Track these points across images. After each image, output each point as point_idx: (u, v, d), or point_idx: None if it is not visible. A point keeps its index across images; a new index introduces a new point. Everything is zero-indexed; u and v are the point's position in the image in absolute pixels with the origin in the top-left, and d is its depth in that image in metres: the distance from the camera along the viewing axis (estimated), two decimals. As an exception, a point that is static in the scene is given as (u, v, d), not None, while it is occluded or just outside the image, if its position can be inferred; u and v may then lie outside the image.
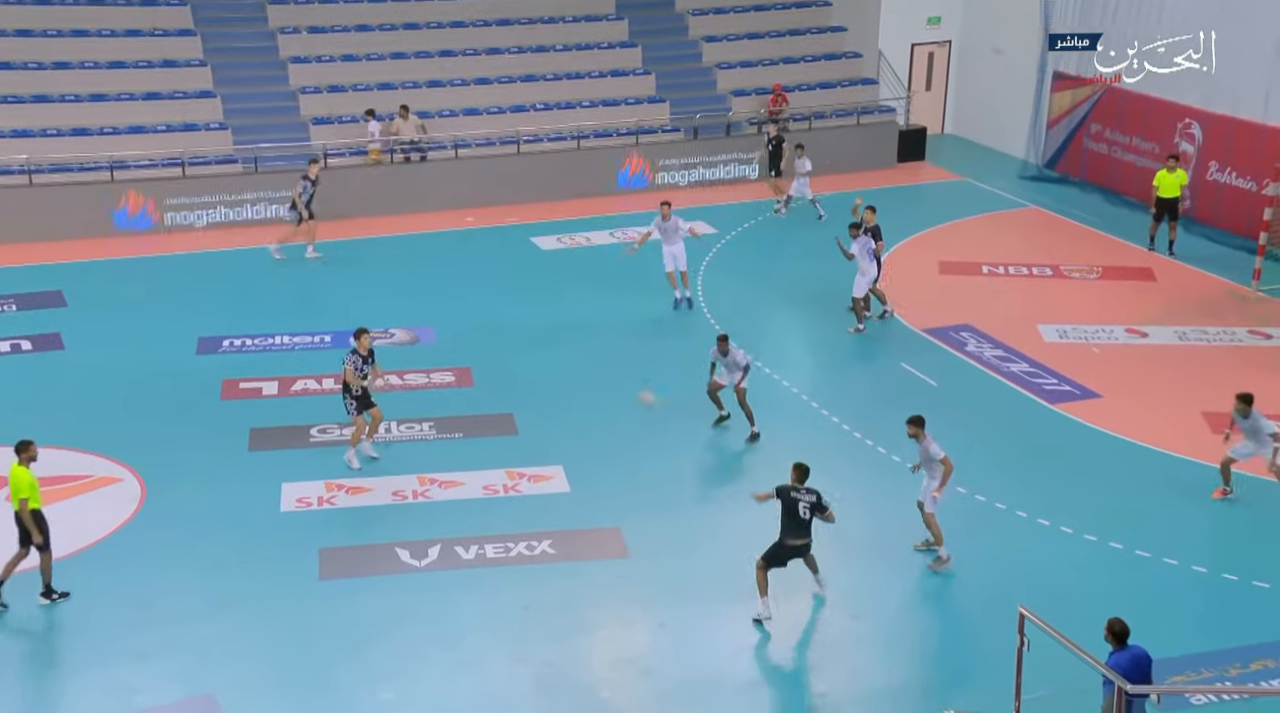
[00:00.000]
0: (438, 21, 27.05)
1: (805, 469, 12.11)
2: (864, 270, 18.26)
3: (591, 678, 11.33)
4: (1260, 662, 11.01)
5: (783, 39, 28.35)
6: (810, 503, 11.94)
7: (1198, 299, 19.39)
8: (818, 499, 11.97)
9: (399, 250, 22.52)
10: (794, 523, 11.94)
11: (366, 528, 13.60)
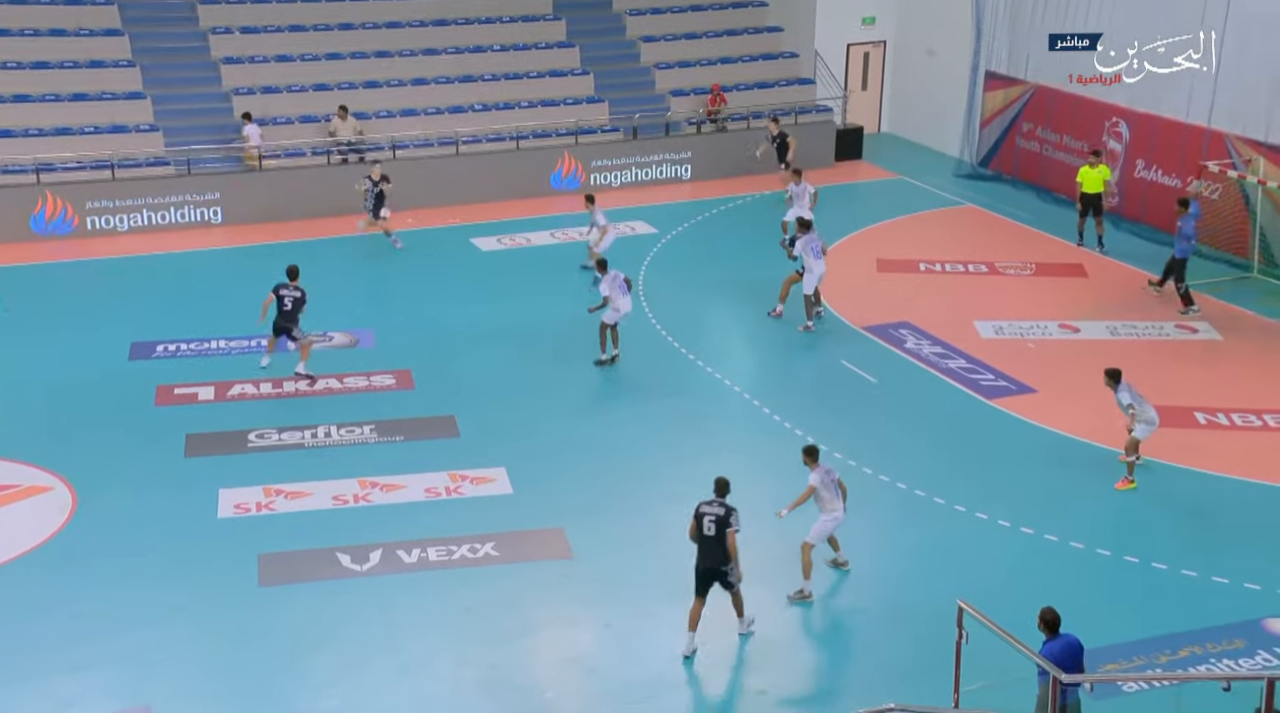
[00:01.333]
0: (373, 22, 26.81)
1: (724, 483, 11.38)
2: (811, 267, 18.41)
3: (536, 679, 11.30)
4: (1188, 648, 11.26)
5: (720, 39, 28.48)
6: (715, 517, 11.07)
7: (1127, 295, 19.78)
8: (725, 514, 11.08)
9: (338, 252, 22.27)
10: (701, 539, 11.19)
11: (306, 533, 13.43)
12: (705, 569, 11.23)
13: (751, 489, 14.50)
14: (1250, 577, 12.32)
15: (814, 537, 12.41)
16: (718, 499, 11.33)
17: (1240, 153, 20.46)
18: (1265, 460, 14.69)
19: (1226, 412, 15.84)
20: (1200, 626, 11.56)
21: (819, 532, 12.43)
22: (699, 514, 11.24)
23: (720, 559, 11.15)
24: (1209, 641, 11.36)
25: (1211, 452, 14.92)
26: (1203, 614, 11.76)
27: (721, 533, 11.09)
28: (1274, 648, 11.29)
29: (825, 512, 12.38)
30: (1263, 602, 11.95)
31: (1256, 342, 18.05)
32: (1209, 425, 15.57)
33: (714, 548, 11.14)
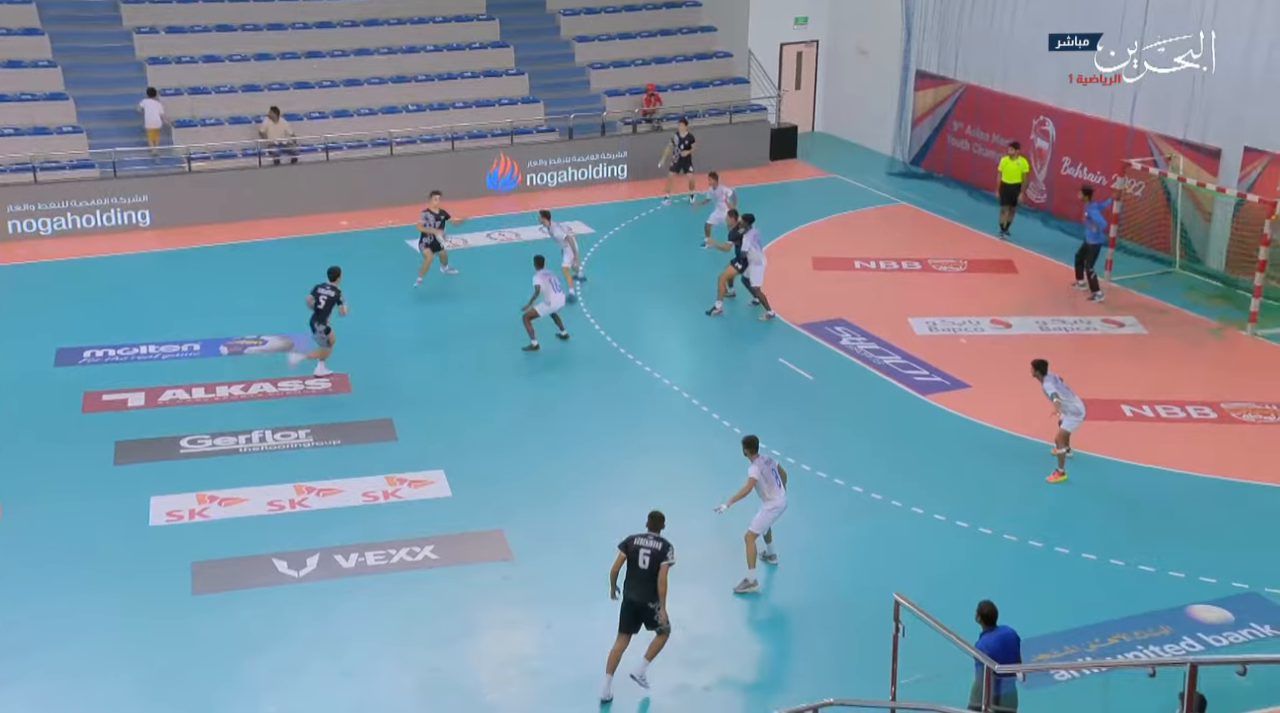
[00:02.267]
0: (303, 22, 26.50)
1: (659, 518, 11.02)
2: (757, 259, 18.68)
3: (477, 682, 11.25)
4: (1116, 636, 11.52)
5: (654, 39, 28.55)
6: (652, 551, 10.72)
7: (1056, 291, 20.15)
8: (662, 548, 10.72)
9: (271, 255, 21.99)
10: (631, 574, 10.79)
11: (242, 540, 13.25)
12: (635, 603, 10.81)
13: (691, 487, 14.61)
14: (1175, 565, 12.63)
15: (756, 526, 12.52)
16: (653, 533, 10.93)
17: (1161, 151, 20.94)
18: (1189, 451, 15.05)
19: (1152, 404, 16.21)
20: (1128, 614, 11.83)
21: (761, 522, 12.54)
22: (633, 547, 10.83)
23: (650, 595, 10.75)
24: (1136, 628, 11.63)
25: (1138, 443, 15.26)
26: (1130, 603, 12.03)
27: (655, 567, 10.72)
28: (1198, 634, 11.59)
29: (766, 501, 12.46)
30: (1187, 589, 12.26)
31: (1180, 335, 18.49)
32: (1135, 418, 15.93)
33: (646, 582, 10.73)
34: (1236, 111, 19.75)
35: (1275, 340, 18.09)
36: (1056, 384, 14.24)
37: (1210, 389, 16.56)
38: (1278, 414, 15.88)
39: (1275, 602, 12.02)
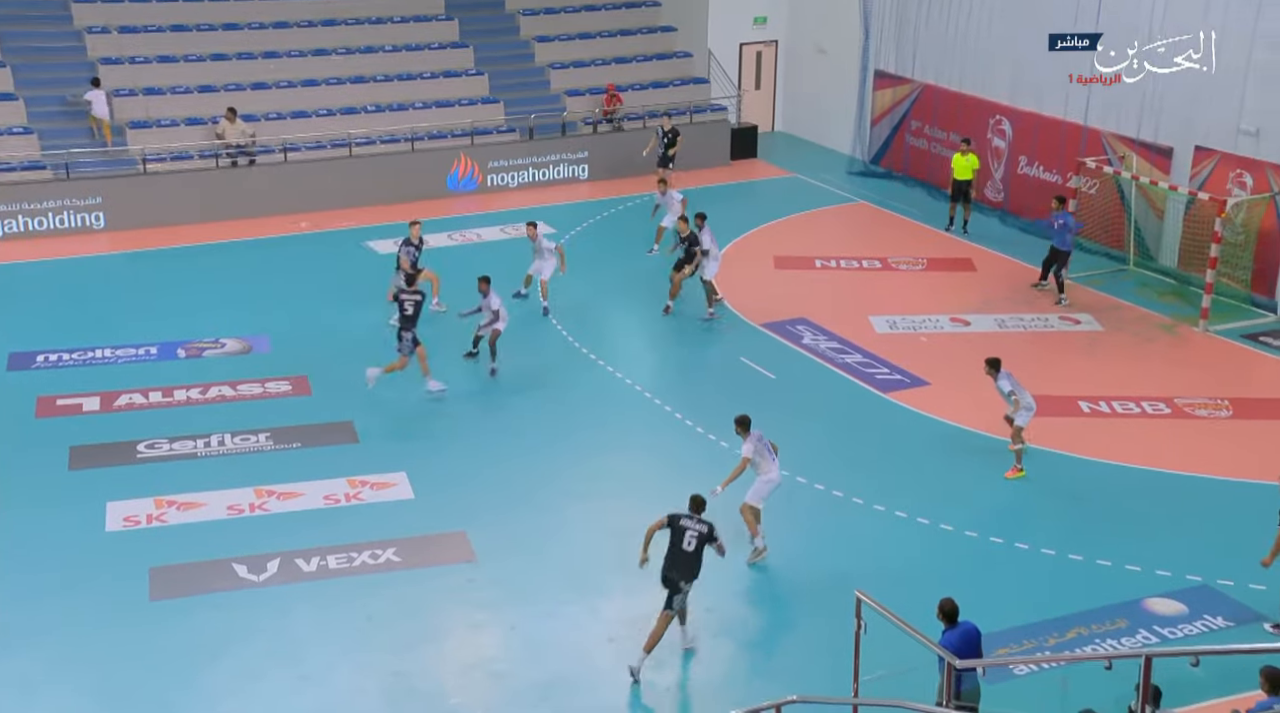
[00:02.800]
0: (259, 22, 26.26)
1: (701, 501, 11.48)
2: (714, 256, 18.87)
3: (441, 686, 11.20)
4: (1075, 630, 11.66)
5: (614, 39, 28.55)
6: (699, 534, 11.19)
7: (1014, 288, 20.35)
8: (709, 531, 11.24)
9: (229, 258, 21.79)
10: (675, 555, 11.18)
11: (201, 544, 13.12)
12: (673, 581, 11.15)
13: (654, 487, 14.62)
14: (1131, 559, 12.79)
15: (752, 498, 12.85)
16: (697, 516, 11.31)
17: (1115, 150, 21.21)
18: (1145, 446, 15.25)
19: (1108, 400, 16.41)
20: (1086, 608, 11.97)
21: (757, 493, 12.88)
22: (679, 527, 11.21)
23: (689, 575, 11.16)
24: (1094, 622, 11.77)
25: (1095, 439, 15.44)
26: (1088, 597, 12.17)
27: (701, 550, 11.16)
28: (1153, 626, 11.75)
29: (761, 475, 12.86)
30: (1143, 583, 12.43)
31: (1134, 332, 18.73)
32: (1092, 414, 16.12)
33: (689, 564, 11.15)
34: (1187, 112, 20.03)
35: (1226, 336, 18.37)
36: (1011, 381, 14.40)
37: (1164, 385, 16.79)
38: (1229, 409, 16.13)
39: (1227, 594, 12.21)
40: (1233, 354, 17.84)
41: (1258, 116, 19.01)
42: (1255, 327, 18.55)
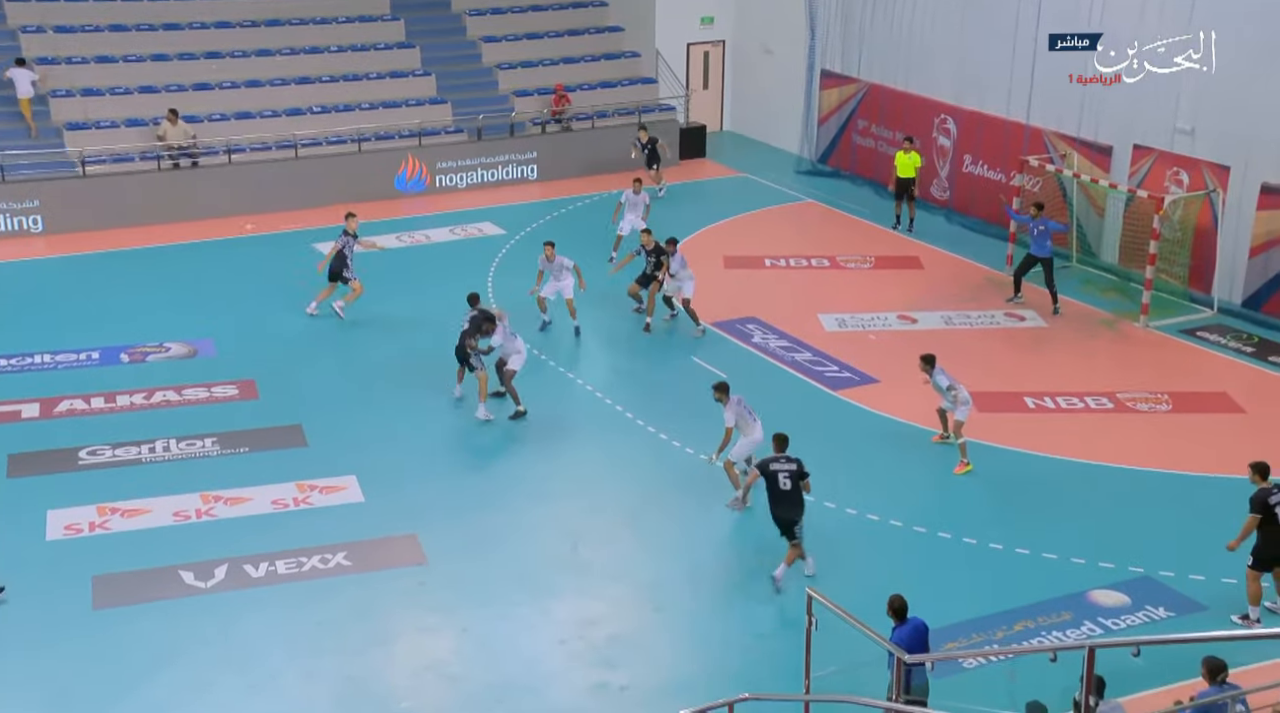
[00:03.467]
0: (201, 22, 25.93)
1: (784, 439, 12.34)
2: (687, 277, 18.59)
3: (392, 689, 11.13)
4: (1022, 623, 11.82)
5: (562, 39, 28.52)
6: (790, 472, 12.06)
7: (960, 286, 20.58)
8: (798, 468, 12.12)
9: (172, 261, 21.50)
10: (776, 495, 12.13)
11: (146, 552, 12.93)
12: (783, 519, 12.18)
13: (606, 487, 14.64)
14: (1076, 552, 12.99)
15: (735, 456, 13.68)
16: (783, 455, 12.19)
17: (1057, 148, 21.53)
18: (1089, 441, 15.49)
19: (1053, 395, 16.65)
20: (1033, 601, 12.14)
21: (740, 451, 13.69)
22: (770, 471, 12.09)
23: (795, 510, 12.08)
24: (1040, 614, 11.94)
25: (1040, 434, 15.66)
26: (1035, 590, 12.34)
27: (798, 485, 12.09)
28: (1097, 618, 11.95)
29: (745, 435, 13.68)
30: (1087, 575, 12.62)
31: (1078, 328, 19.01)
32: (1038, 409, 16.34)
33: (790, 500, 12.11)
34: (1125, 111, 20.38)
35: (1166, 331, 18.72)
36: (947, 376, 14.58)
37: (1107, 380, 17.06)
38: (1169, 403, 16.43)
39: (1168, 585, 12.44)
40: (1172, 349, 18.19)
41: (1192, 116, 19.38)
42: (1193, 322, 18.92)
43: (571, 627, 11.94)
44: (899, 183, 22.86)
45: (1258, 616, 11.68)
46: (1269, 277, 18.80)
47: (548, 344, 18.24)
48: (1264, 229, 18.69)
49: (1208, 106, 19.13)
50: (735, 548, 13.41)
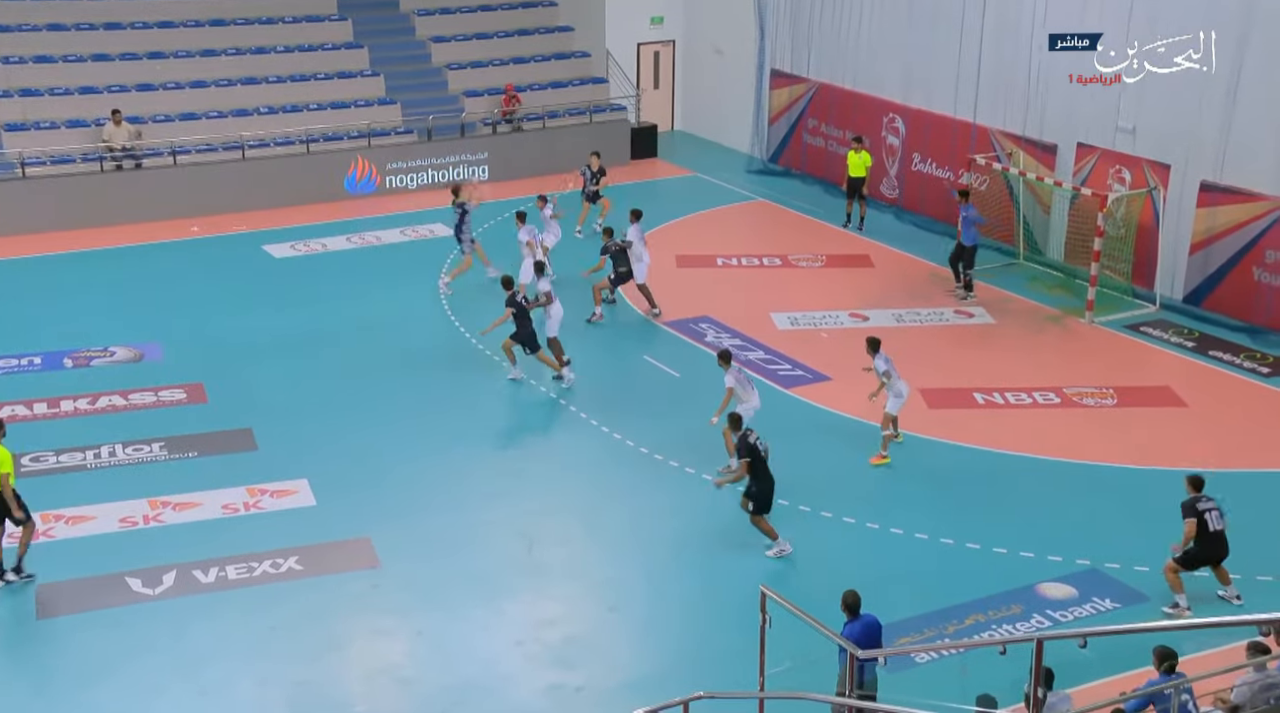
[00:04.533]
0: (143, 22, 25.55)
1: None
2: (639, 256, 18.92)
3: (346, 694, 11.05)
4: (973, 617, 11.95)
5: (511, 39, 28.43)
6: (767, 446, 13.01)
7: (910, 283, 20.77)
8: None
9: (117, 264, 21.18)
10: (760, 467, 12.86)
11: (91, 559, 12.73)
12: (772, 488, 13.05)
13: (561, 486, 14.63)
14: (1025, 545, 13.17)
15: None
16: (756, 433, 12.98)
17: (1003, 146, 21.80)
18: (1036, 435, 15.70)
19: (1001, 391, 16.86)
20: (983, 594, 12.28)
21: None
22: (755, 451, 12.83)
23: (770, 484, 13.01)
24: (991, 608, 12.09)
25: (989, 429, 15.85)
26: (985, 584, 12.48)
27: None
28: (1046, 610, 12.12)
29: (743, 403, 14.31)
30: (1036, 568, 12.79)
31: (1025, 324, 19.26)
32: (986, 405, 16.54)
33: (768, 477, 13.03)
34: (1069, 109, 20.68)
35: (1111, 327, 19.01)
36: (889, 363, 14.79)
37: (1054, 375, 17.31)
38: (1114, 397, 16.70)
39: (1114, 577, 12.65)
40: (1117, 344, 18.48)
41: (1134, 115, 19.70)
42: (1137, 318, 19.24)
43: (527, 628, 11.92)
44: (850, 182, 23.04)
45: (1187, 604, 11.91)
46: (1208, 273, 19.17)
47: (494, 340, 18.14)
48: (1203, 226, 19.06)
49: (1148, 105, 19.46)
50: (690, 547, 13.44)
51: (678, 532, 13.64)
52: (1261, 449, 15.25)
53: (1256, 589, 12.27)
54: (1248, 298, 18.64)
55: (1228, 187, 18.65)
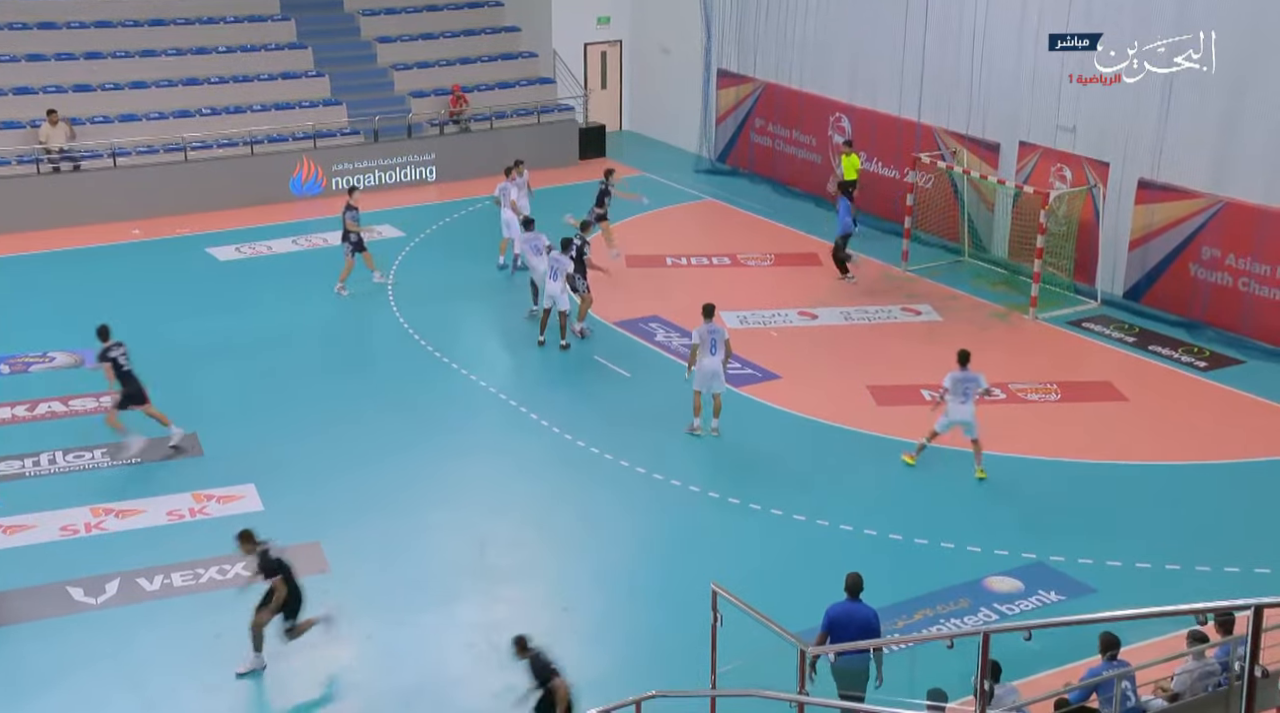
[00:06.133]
0: (79, 21, 25.11)
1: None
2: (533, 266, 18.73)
3: (295, 699, 10.94)
4: (922, 611, 12.06)
5: (458, 39, 28.29)
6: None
7: (858, 281, 20.93)
8: None
9: (55, 268, 20.80)
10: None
11: (31, 569, 12.49)
12: None
13: (510, 488, 14.58)
14: (972, 540, 13.32)
15: (698, 384, 15.15)
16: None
17: (947, 145, 22.05)
18: (982, 430, 15.84)
19: (947, 387, 17.01)
20: (932, 589, 12.40)
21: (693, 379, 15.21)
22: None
23: None
24: (940, 603, 12.22)
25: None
26: (934, 579, 12.61)
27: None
28: (993, 604, 12.27)
29: (694, 364, 15.15)
30: (983, 562, 12.95)
31: (971, 320, 19.48)
32: (933, 401, 16.66)
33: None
34: (1010, 108, 20.95)
35: (1054, 323, 19.29)
36: (953, 381, 14.32)
37: (999, 371, 17.46)
38: (1058, 392, 16.94)
39: (1058, 569, 12.83)
40: (1060, 340, 18.75)
41: (1073, 114, 20.00)
42: (1079, 313, 19.53)
43: (478, 630, 11.86)
44: (842, 186, 22.85)
45: None
46: (1147, 269, 19.51)
47: (444, 343, 18.07)
48: (1141, 223, 19.39)
49: (1088, 105, 19.76)
50: (642, 546, 13.46)
51: (629, 532, 13.65)
52: (1199, 442, 15.54)
53: (1195, 579, 12.51)
54: (1185, 293, 18.99)
55: (1165, 184, 19.00)
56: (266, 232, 22.67)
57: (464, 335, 18.85)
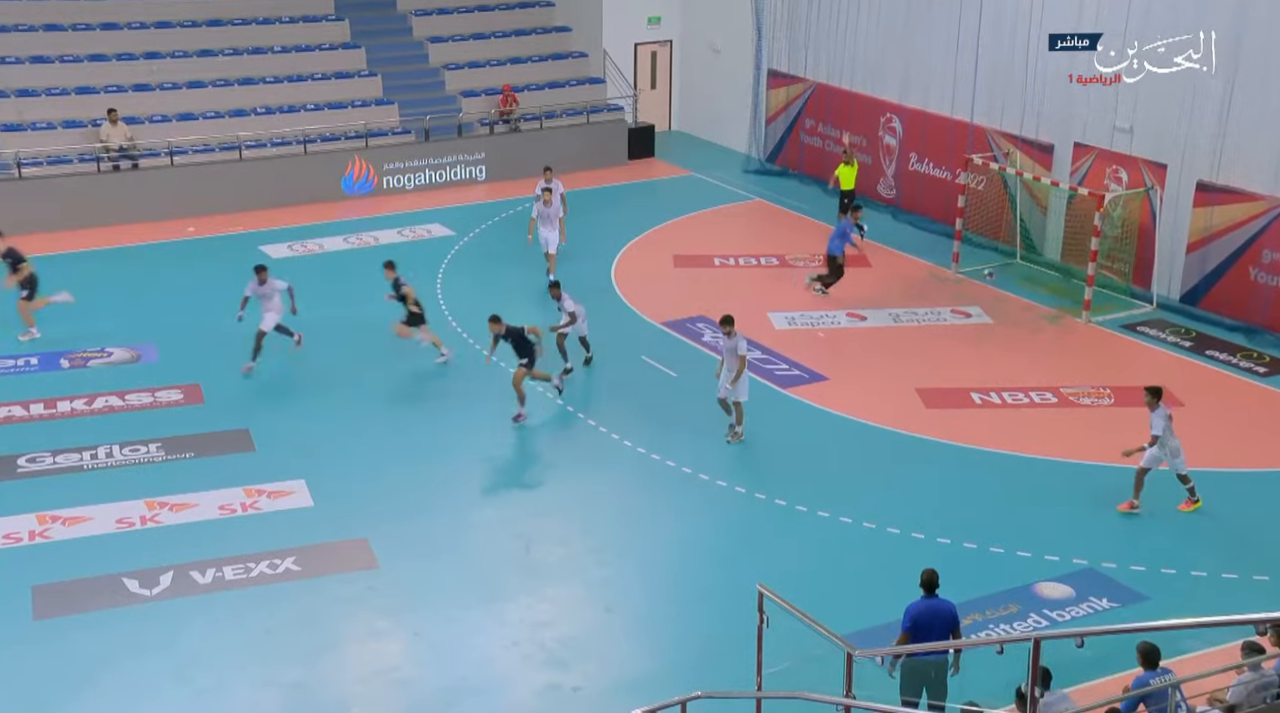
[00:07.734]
0: (140, 22, 25.54)
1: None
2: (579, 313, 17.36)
3: (343, 695, 11.04)
4: (971, 616, 11.78)
5: (509, 39, 28.43)
6: None
7: (907, 282, 20.78)
8: None
9: (113, 264, 21.17)
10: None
11: (88, 560, 12.72)
12: None
13: (557, 488, 14.62)
14: (1022, 545, 13.16)
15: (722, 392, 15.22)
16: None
17: (1000, 146, 21.81)
18: (1033, 434, 15.70)
19: (998, 390, 16.86)
20: (981, 594, 12.27)
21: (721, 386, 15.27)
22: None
23: None
24: (989, 608, 12.08)
25: (986, 429, 15.84)
26: (983, 583, 12.46)
27: None
28: (1043, 610, 12.11)
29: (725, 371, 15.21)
30: (1033, 568, 12.79)
31: (1022, 323, 19.27)
32: (984, 405, 16.54)
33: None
34: (1065, 109, 20.68)
35: (1107, 327, 19.03)
36: (1167, 422, 13.46)
37: (1051, 375, 17.31)
38: (1111, 396, 16.71)
39: (1110, 576, 12.65)
40: (1113, 344, 18.48)
41: (1131, 114, 19.71)
42: (1134, 317, 19.25)
43: (523, 629, 11.91)
44: (843, 195, 22.73)
45: None
46: (1205, 272, 19.18)
47: (489, 341, 18.12)
48: (1200, 225, 19.06)
49: (1145, 105, 19.46)
50: (687, 546, 13.44)
51: (675, 532, 13.64)
52: (1258, 449, 15.25)
53: (1254, 589, 12.28)
54: (1244, 297, 18.64)
55: (1224, 186, 18.66)
56: (318, 230, 22.92)
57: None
